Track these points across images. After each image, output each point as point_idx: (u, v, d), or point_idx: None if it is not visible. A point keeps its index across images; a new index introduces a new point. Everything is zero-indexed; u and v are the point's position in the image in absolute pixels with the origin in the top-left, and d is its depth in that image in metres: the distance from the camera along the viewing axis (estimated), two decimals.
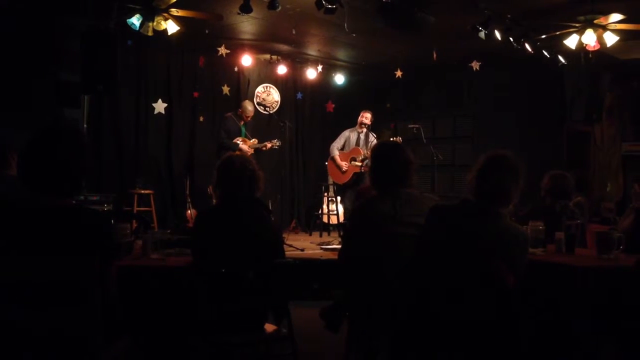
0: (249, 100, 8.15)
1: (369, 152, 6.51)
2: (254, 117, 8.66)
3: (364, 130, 7.41)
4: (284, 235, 6.37)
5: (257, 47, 8.40)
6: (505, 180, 2.43)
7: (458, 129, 9.32)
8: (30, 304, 1.93)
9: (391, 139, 7.04)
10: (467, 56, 7.81)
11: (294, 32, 7.07)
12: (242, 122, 7.34)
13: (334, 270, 3.99)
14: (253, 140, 7.30)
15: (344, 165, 7.34)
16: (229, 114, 7.45)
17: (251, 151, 7.20)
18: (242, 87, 8.88)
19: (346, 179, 7.38)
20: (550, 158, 7.68)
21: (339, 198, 8.20)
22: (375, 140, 7.23)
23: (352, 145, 7.47)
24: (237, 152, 6.77)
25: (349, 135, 7.52)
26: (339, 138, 7.57)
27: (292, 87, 9.47)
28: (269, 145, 7.37)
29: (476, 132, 9.02)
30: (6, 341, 1.93)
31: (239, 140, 7.16)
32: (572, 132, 8.67)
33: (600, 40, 6.11)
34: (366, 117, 7.42)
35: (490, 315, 2.26)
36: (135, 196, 7.31)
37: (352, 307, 2.87)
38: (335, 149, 7.50)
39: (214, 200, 3.19)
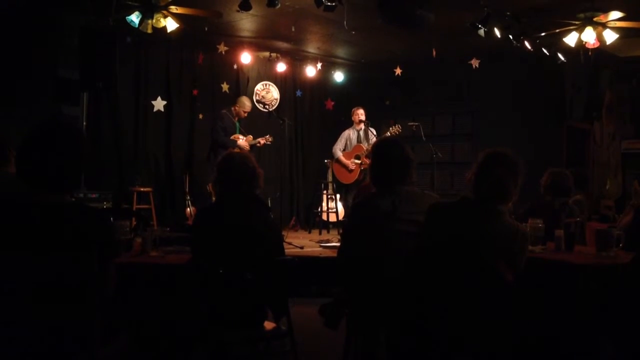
0: (247, 97, 8.10)
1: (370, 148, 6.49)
2: (253, 114, 8.62)
3: (362, 126, 7.41)
4: (284, 232, 6.35)
5: (256, 44, 8.39)
6: (504, 177, 2.43)
7: (457, 127, 9.33)
8: (27, 301, 1.93)
9: (390, 128, 7.05)
10: (467, 54, 7.80)
11: (293, 29, 7.07)
12: (236, 119, 7.25)
13: (334, 268, 3.99)
14: (249, 136, 7.24)
15: (350, 163, 7.32)
16: (224, 110, 7.31)
17: (248, 147, 7.14)
18: (242, 84, 8.87)
19: (353, 178, 7.35)
20: (549, 156, 7.68)
21: (338, 196, 8.19)
22: (374, 136, 7.22)
23: (354, 144, 7.46)
24: (237, 149, 6.75)
25: (349, 135, 7.52)
26: (339, 140, 7.56)
27: (291, 84, 9.46)
28: (262, 141, 7.25)
29: (475, 130, 9.02)
30: (4, 338, 1.92)
31: (234, 137, 7.10)
32: (572, 129, 8.67)
33: (599, 37, 6.11)
34: (360, 114, 7.42)
35: (489, 313, 2.26)
36: (135, 194, 7.30)
37: (352, 305, 2.87)
38: (337, 150, 7.49)
39: (213, 198, 3.19)
